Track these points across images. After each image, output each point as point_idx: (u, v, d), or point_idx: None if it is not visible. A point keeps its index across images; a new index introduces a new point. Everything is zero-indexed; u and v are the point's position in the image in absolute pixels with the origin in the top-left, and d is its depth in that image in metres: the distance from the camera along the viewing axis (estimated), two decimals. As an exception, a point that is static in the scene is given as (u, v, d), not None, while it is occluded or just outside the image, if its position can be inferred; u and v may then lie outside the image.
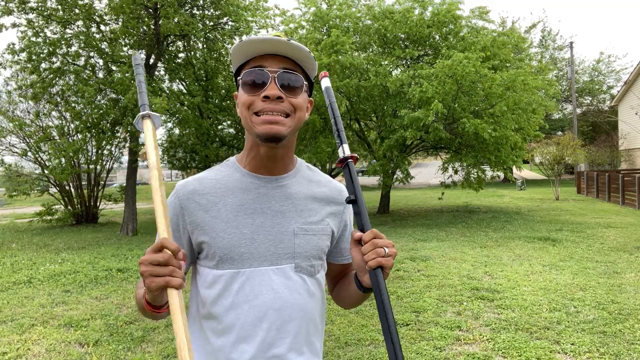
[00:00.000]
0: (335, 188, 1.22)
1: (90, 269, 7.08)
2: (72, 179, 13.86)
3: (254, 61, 1.06)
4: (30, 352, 3.95)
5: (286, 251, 1.10)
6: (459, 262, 6.76)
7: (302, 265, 1.11)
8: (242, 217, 1.09)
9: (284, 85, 1.04)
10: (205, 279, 1.11)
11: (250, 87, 1.05)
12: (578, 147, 17.52)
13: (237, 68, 1.10)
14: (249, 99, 1.05)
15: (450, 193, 17.74)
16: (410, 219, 12.53)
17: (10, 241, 10.84)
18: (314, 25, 12.98)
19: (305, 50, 1.04)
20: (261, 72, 1.04)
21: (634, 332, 3.94)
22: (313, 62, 1.08)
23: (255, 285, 1.07)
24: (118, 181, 36.57)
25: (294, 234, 1.11)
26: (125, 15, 11.09)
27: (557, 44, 31.21)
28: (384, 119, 12.29)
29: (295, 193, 1.14)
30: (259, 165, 1.12)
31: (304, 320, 1.11)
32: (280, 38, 1.02)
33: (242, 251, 1.07)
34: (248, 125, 1.07)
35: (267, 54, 1.05)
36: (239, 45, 1.04)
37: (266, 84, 1.03)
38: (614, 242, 8.02)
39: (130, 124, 11.11)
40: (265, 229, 1.09)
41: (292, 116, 1.06)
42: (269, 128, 1.02)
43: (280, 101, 1.03)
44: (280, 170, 1.14)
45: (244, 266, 1.08)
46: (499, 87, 10.77)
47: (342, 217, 1.22)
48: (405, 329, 4.15)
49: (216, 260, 1.08)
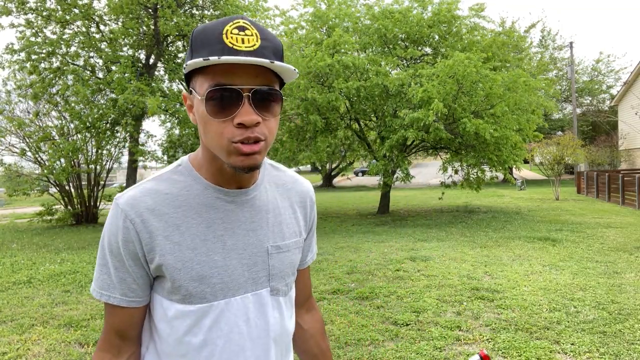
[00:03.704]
0: (302, 187, 1.10)
1: (90, 269, 7.07)
2: (72, 179, 13.86)
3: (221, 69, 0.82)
4: (30, 352, 3.95)
5: (261, 274, 0.97)
6: (459, 262, 6.76)
7: (278, 287, 1.01)
8: (211, 241, 0.92)
9: (259, 104, 0.84)
10: (166, 312, 0.94)
11: (219, 110, 0.83)
12: (578, 147, 17.53)
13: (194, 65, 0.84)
14: (218, 127, 0.84)
15: (450, 193, 17.74)
16: (410, 219, 12.53)
17: (10, 241, 10.84)
18: (313, 26, 12.99)
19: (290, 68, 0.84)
20: (231, 92, 0.82)
21: (634, 332, 3.94)
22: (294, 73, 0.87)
23: (231, 317, 0.94)
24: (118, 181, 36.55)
25: (268, 254, 0.98)
26: (124, 16, 11.10)
27: (556, 43, 31.24)
28: (384, 119, 12.29)
29: (265, 204, 1.00)
30: (224, 179, 0.94)
31: (281, 344, 1.03)
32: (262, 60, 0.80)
33: (214, 282, 0.92)
34: (219, 152, 0.87)
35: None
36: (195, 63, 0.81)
37: (239, 106, 0.82)
38: (614, 242, 8.02)
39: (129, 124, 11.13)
40: (238, 252, 0.95)
41: (268, 139, 0.87)
42: (247, 160, 0.85)
43: (257, 127, 0.83)
44: (249, 182, 0.97)
45: (216, 298, 0.92)
46: (499, 88, 10.78)
47: (310, 219, 1.13)
48: (405, 329, 4.15)
49: (182, 294, 0.91)
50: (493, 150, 11.28)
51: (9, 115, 12.92)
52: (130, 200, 0.90)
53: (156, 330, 0.97)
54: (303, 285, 1.19)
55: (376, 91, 11.59)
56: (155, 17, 11.31)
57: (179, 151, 14.78)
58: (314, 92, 11.30)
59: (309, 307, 1.23)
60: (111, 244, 0.91)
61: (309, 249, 1.17)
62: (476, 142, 11.20)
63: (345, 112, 13.13)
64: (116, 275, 0.92)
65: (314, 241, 1.19)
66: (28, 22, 10.87)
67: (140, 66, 11.61)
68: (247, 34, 0.83)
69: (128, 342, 0.97)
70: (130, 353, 0.98)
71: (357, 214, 14.47)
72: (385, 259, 7.15)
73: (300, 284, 1.18)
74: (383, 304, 4.87)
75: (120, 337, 0.96)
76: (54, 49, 10.92)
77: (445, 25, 12.62)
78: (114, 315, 0.95)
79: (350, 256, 7.43)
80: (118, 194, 0.93)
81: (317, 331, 1.22)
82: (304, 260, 1.15)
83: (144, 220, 0.89)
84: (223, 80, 0.82)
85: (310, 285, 1.24)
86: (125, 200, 0.90)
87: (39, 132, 12.50)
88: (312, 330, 1.21)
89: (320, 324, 1.24)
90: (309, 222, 1.12)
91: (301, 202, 1.09)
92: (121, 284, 0.92)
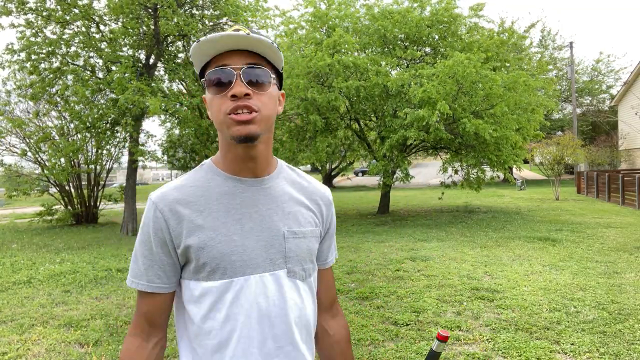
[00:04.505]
0: (319, 188, 1.20)
1: (90, 269, 7.08)
2: (72, 179, 13.87)
3: (216, 60, 1.01)
4: (30, 352, 3.95)
5: (277, 256, 1.06)
6: (459, 262, 6.76)
7: (294, 270, 1.08)
8: (231, 223, 1.04)
9: (250, 81, 0.99)
10: (193, 293, 1.04)
11: (216, 88, 1.00)
12: (578, 147, 17.53)
13: (201, 69, 1.05)
14: (218, 101, 1.00)
15: (450, 193, 17.75)
16: (410, 219, 12.53)
17: (10, 241, 10.84)
18: (313, 26, 12.99)
19: (266, 41, 0.99)
20: (225, 71, 0.99)
21: (634, 332, 3.94)
22: (278, 53, 1.03)
23: (250, 294, 1.03)
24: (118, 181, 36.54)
25: (284, 238, 1.07)
26: (124, 16, 11.09)
27: (556, 43, 31.24)
28: (384, 119, 12.29)
29: (281, 195, 1.10)
30: (239, 167, 1.06)
31: (300, 327, 1.09)
32: (238, 33, 0.96)
33: (233, 259, 1.02)
34: (221, 127, 1.02)
35: (229, 51, 1.00)
36: (196, 45, 0.99)
37: (232, 82, 0.98)
38: (614, 242, 8.02)
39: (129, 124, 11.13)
40: (255, 234, 1.05)
41: (262, 111, 1.00)
42: (242, 128, 0.98)
43: (248, 98, 0.98)
44: (262, 170, 1.09)
45: (236, 275, 1.02)
46: (499, 88, 10.77)
47: (327, 218, 1.20)
48: (405, 329, 4.15)
49: (206, 271, 1.02)
50: (493, 150, 11.28)
51: (9, 116, 12.92)
52: (160, 195, 1.04)
53: (187, 315, 1.06)
54: (327, 287, 1.24)
55: (376, 91, 11.59)
56: (155, 17, 11.30)
57: (178, 151, 14.79)
58: (313, 92, 11.30)
59: (334, 312, 1.26)
60: (143, 234, 1.06)
61: (329, 249, 1.24)
62: (476, 142, 11.20)
63: (345, 112, 13.13)
64: (144, 263, 1.05)
65: (334, 243, 1.26)
66: (28, 22, 10.86)
67: (140, 66, 11.60)
68: (239, 30, 0.98)
69: (156, 328, 1.08)
70: (157, 339, 1.08)
71: (357, 214, 14.47)
72: (385, 259, 7.15)
73: (324, 285, 1.23)
74: (383, 304, 4.87)
75: (149, 323, 1.07)
76: (54, 49, 10.90)
77: (444, 25, 12.62)
78: (142, 302, 1.07)
79: (350, 256, 7.43)
80: (152, 192, 1.07)
81: (343, 338, 1.25)
82: (325, 259, 1.23)
83: (172, 209, 1.03)
84: (218, 64, 1.00)
85: (335, 289, 1.29)
86: (156, 195, 1.05)
87: (39, 132, 12.50)
88: (338, 336, 1.24)
89: (346, 331, 1.27)
90: (325, 221, 1.19)
91: (315, 200, 1.17)
92: (148, 271, 1.05)
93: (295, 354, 1.07)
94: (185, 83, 13.28)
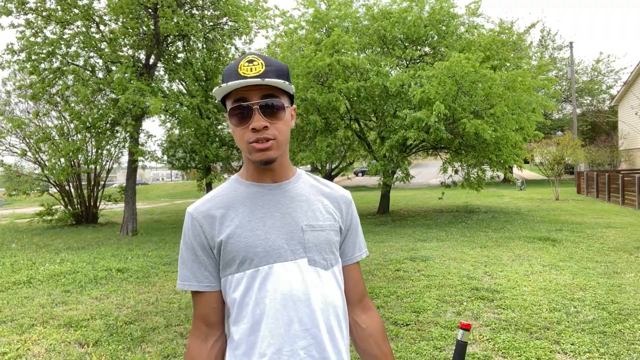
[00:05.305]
0: (338, 190, 1.32)
1: (90, 269, 7.08)
2: (72, 179, 13.87)
3: (235, 92, 1.15)
4: (30, 352, 3.95)
5: (297, 247, 1.18)
6: (459, 262, 6.76)
7: (315, 258, 1.19)
8: (254, 221, 1.18)
9: (267, 113, 1.13)
10: (230, 285, 1.18)
11: (238, 121, 1.15)
12: (578, 147, 17.53)
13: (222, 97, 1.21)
14: (240, 132, 1.16)
15: (450, 193, 17.75)
16: (410, 219, 12.53)
17: (10, 241, 10.84)
18: (313, 26, 12.98)
19: (280, 82, 1.13)
20: (245, 107, 1.13)
21: (634, 332, 3.94)
22: (290, 86, 1.17)
23: (274, 280, 1.15)
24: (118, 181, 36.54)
25: (303, 231, 1.19)
26: (124, 16, 11.09)
27: (556, 43, 31.25)
28: (384, 119, 12.28)
29: (299, 195, 1.24)
30: (260, 176, 1.22)
31: (326, 312, 1.18)
32: (255, 80, 1.10)
33: (258, 250, 1.16)
34: (245, 153, 1.18)
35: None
36: (218, 89, 1.14)
37: (251, 116, 1.13)
38: (614, 242, 8.02)
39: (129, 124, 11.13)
40: (277, 229, 1.18)
41: (278, 138, 1.15)
42: (262, 155, 1.14)
43: (266, 129, 1.13)
44: (282, 176, 1.23)
45: (261, 264, 1.16)
46: (499, 87, 10.76)
47: (346, 215, 1.30)
48: (405, 329, 4.15)
49: (236, 264, 1.17)
50: (493, 150, 11.27)
51: (9, 116, 12.91)
52: (194, 207, 1.23)
53: (226, 308, 1.21)
54: (354, 283, 1.32)
55: (376, 91, 11.59)
56: (156, 17, 11.29)
57: (178, 151, 14.79)
58: (313, 92, 11.29)
59: (365, 307, 1.33)
60: (186, 242, 1.21)
61: (354, 246, 1.33)
62: (476, 142, 11.20)
63: (345, 112, 13.13)
64: (191, 266, 1.20)
65: (359, 240, 1.35)
66: (28, 23, 10.84)
67: (140, 66, 11.60)
68: (254, 65, 1.13)
69: (212, 328, 1.21)
70: (215, 338, 1.21)
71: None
72: (385, 259, 7.15)
73: (351, 281, 1.32)
74: (383, 304, 4.87)
75: (205, 324, 1.21)
76: (54, 49, 10.89)
77: (442, 24, 12.60)
78: (197, 303, 1.21)
79: (350, 256, 7.41)
80: (188, 207, 1.25)
81: (376, 331, 1.31)
82: (350, 255, 1.32)
83: (205, 216, 1.20)
84: (239, 98, 1.14)
85: (364, 285, 1.36)
86: (191, 208, 1.23)
87: (39, 132, 12.49)
88: (371, 329, 1.31)
89: (380, 325, 1.33)
90: (345, 217, 1.30)
91: (335, 199, 1.29)
92: (196, 273, 1.20)
93: (322, 337, 1.16)
94: (185, 83, 13.28)
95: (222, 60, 13.41)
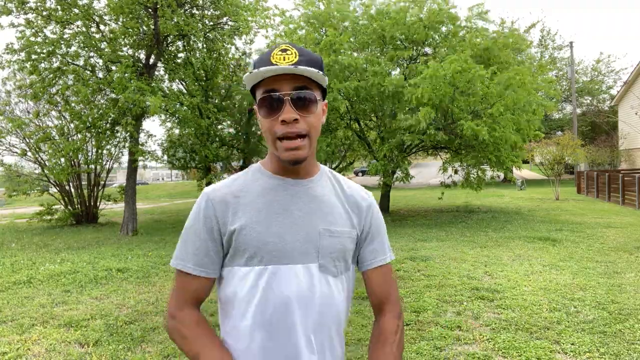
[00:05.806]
0: (359, 192, 1.27)
1: (90, 269, 7.07)
2: (72, 179, 13.86)
3: (266, 82, 1.09)
4: (30, 352, 3.95)
5: (311, 251, 1.14)
6: (459, 262, 6.76)
7: (326, 265, 1.16)
8: (272, 215, 1.14)
9: (298, 105, 1.08)
10: (235, 276, 1.15)
11: (267, 112, 1.09)
12: (578, 147, 17.53)
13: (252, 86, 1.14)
14: (269, 124, 1.10)
15: (450, 193, 17.74)
16: (410, 219, 12.53)
17: (10, 241, 10.84)
18: (312, 26, 12.98)
19: (314, 71, 1.07)
20: (275, 97, 1.08)
21: (634, 332, 3.94)
22: (323, 77, 1.12)
23: (282, 282, 1.12)
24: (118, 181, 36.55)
25: (320, 235, 1.15)
26: (124, 15, 11.09)
27: (556, 43, 31.24)
28: (383, 120, 12.28)
29: (321, 195, 1.19)
30: (284, 170, 1.17)
31: (330, 323, 1.16)
32: (288, 67, 1.05)
33: (270, 248, 1.12)
34: (272, 148, 1.13)
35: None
36: (248, 75, 1.08)
37: (282, 107, 1.07)
38: (614, 242, 8.02)
39: (129, 124, 11.13)
40: (293, 228, 1.14)
41: (309, 135, 1.11)
42: (292, 155, 1.09)
43: (296, 122, 1.08)
44: (305, 173, 1.19)
45: (271, 263, 1.12)
46: (496, 87, 10.73)
47: (365, 221, 1.25)
48: (405, 329, 4.15)
49: (246, 257, 1.13)
50: (492, 150, 11.26)
51: (9, 116, 12.91)
52: (212, 189, 1.18)
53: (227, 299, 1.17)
54: (375, 286, 1.26)
55: (374, 91, 11.58)
56: (155, 17, 11.29)
57: (178, 151, 14.79)
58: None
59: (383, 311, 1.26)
60: (193, 221, 1.16)
61: (373, 251, 1.25)
62: (475, 142, 11.19)
63: (345, 112, 13.13)
64: (192, 247, 1.16)
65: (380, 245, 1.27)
66: (28, 22, 10.84)
67: (140, 66, 11.60)
68: (287, 54, 1.08)
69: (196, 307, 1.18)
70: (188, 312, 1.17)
71: (357, 214, 14.45)
72: (385, 259, 7.14)
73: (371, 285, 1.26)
74: (383, 304, 4.86)
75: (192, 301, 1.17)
76: (54, 49, 10.88)
77: (442, 25, 12.57)
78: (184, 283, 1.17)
79: (350, 256, 7.42)
80: (205, 188, 1.20)
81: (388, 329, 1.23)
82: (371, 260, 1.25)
83: (221, 200, 1.15)
84: (270, 89, 1.08)
85: (387, 289, 1.27)
86: (209, 189, 1.19)
87: (39, 132, 12.49)
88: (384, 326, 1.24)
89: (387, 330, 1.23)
90: (363, 224, 1.24)
91: (355, 203, 1.24)
92: (195, 256, 1.15)
93: (322, 342, 1.15)
94: (185, 83, 13.28)
95: (222, 60, 13.42)
